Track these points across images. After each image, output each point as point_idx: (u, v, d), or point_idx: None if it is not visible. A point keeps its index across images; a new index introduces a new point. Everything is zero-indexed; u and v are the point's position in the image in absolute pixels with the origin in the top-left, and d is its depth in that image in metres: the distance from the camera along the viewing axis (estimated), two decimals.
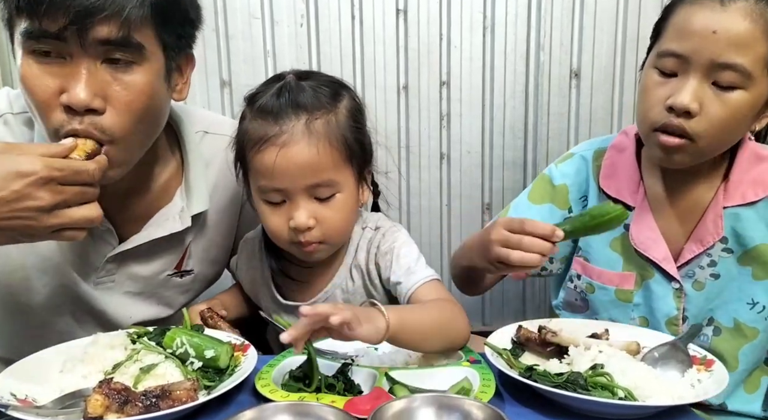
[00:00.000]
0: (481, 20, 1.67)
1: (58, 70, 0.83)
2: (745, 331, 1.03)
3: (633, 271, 1.07)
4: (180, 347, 0.86)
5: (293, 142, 0.89)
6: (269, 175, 0.91)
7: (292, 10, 1.63)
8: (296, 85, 0.93)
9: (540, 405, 0.82)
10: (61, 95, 0.83)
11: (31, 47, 0.82)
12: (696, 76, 0.91)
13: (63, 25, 0.79)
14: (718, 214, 1.01)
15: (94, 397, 0.73)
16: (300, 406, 0.74)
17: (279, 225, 0.94)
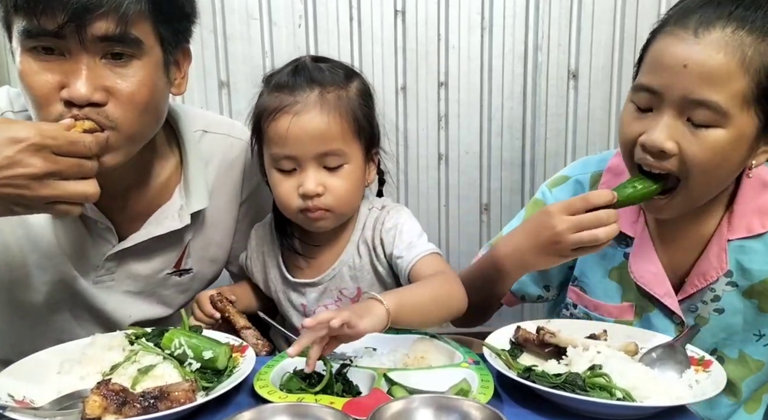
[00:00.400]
0: (479, 21, 1.67)
1: (57, 66, 0.83)
2: (750, 364, 1.00)
3: (632, 302, 1.03)
4: (178, 348, 0.86)
5: (306, 111, 0.94)
6: (282, 142, 0.96)
7: (290, 11, 1.63)
8: (312, 65, 0.99)
9: (538, 406, 0.82)
10: (61, 90, 0.83)
11: (30, 45, 0.83)
12: (670, 113, 0.84)
13: (61, 22, 0.80)
14: (722, 247, 0.95)
15: (92, 399, 0.73)
16: (298, 408, 0.74)
17: (289, 192, 0.98)
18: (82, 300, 1.05)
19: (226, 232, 1.16)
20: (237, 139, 1.13)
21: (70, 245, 1.00)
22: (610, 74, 1.72)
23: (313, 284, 1.06)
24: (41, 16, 0.80)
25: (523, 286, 1.13)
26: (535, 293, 1.14)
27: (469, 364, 0.88)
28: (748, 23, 0.81)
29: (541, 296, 1.15)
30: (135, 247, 1.04)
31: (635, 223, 1.01)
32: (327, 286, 1.06)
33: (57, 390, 0.81)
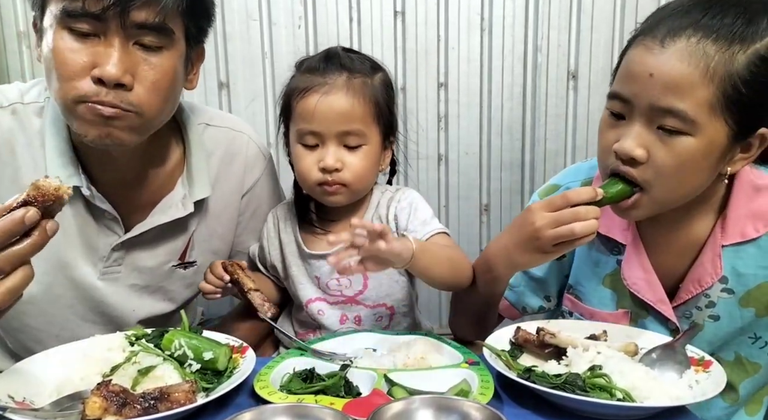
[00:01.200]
0: (479, 22, 1.67)
1: (91, 46, 0.87)
2: (746, 366, 1.00)
3: (627, 309, 1.02)
4: (178, 349, 0.86)
5: (333, 92, 1.03)
6: (309, 118, 1.04)
7: (290, 12, 1.63)
8: (342, 53, 1.08)
9: (539, 406, 0.82)
10: (92, 69, 0.87)
11: (68, 24, 0.86)
12: (640, 121, 0.85)
13: (105, 6, 0.84)
14: (717, 253, 0.94)
15: (92, 400, 0.73)
16: (298, 408, 0.74)
17: (310, 166, 1.06)
18: (85, 292, 1.06)
19: (229, 224, 1.17)
20: (238, 132, 1.16)
21: (77, 235, 1.02)
22: (609, 75, 1.72)
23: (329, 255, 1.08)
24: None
25: (523, 297, 1.13)
26: (536, 304, 1.14)
27: (469, 365, 0.89)
28: (713, 33, 0.81)
29: (542, 307, 1.14)
30: (141, 238, 1.05)
31: (626, 230, 1.01)
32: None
33: (57, 391, 0.81)
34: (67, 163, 0.97)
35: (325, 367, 0.89)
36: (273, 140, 1.70)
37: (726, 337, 0.98)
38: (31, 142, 0.99)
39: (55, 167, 0.97)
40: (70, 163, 0.97)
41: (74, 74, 0.87)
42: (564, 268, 1.10)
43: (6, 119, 0.98)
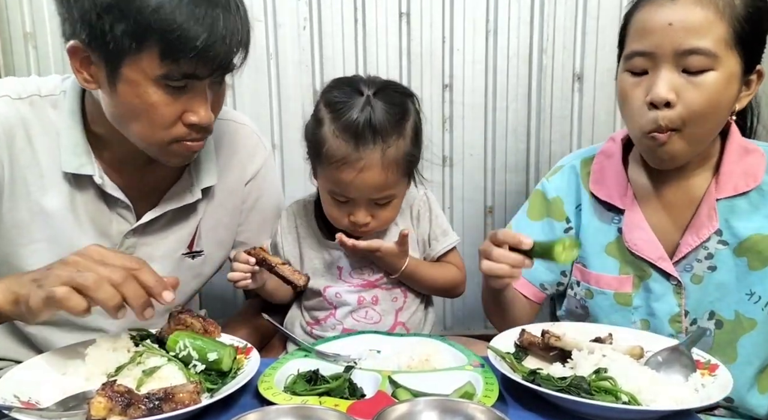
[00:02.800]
0: (484, 23, 1.67)
1: (183, 95, 0.92)
2: (743, 323, 1.04)
3: (630, 274, 1.08)
4: (183, 350, 0.86)
5: (369, 168, 1.04)
6: (343, 188, 1.07)
7: (295, 13, 1.63)
8: (377, 106, 1.04)
9: (543, 409, 0.81)
10: (183, 114, 0.93)
11: (165, 84, 0.90)
12: (666, 68, 0.94)
13: (213, 70, 0.90)
14: (712, 206, 1.03)
15: (97, 400, 0.73)
16: (303, 410, 0.74)
17: (339, 216, 1.11)
18: None
19: (233, 213, 1.20)
20: (241, 124, 1.20)
21: (90, 222, 1.05)
22: (614, 76, 1.71)
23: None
24: (198, 68, 0.89)
25: (538, 274, 1.17)
26: (554, 280, 1.18)
27: (473, 367, 0.88)
28: None
29: (560, 283, 1.18)
30: (152, 225, 1.09)
31: (624, 196, 1.09)
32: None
33: (62, 391, 0.81)
34: (81, 153, 1.01)
35: (329, 368, 0.89)
36: (277, 141, 1.70)
37: (723, 289, 1.04)
38: (47, 132, 1.02)
39: (69, 156, 1.01)
40: (84, 153, 1.01)
41: (170, 123, 0.93)
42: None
43: (25, 109, 1.01)
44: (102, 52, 0.89)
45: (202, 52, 0.86)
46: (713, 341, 1.05)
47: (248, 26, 0.92)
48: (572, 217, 1.15)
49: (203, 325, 0.93)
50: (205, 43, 0.86)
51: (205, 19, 0.85)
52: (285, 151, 1.71)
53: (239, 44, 0.90)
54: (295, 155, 1.70)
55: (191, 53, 0.86)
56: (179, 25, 0.84)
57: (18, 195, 1.01)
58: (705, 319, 1.05)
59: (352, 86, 1.07)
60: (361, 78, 1.10)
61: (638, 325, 1.08)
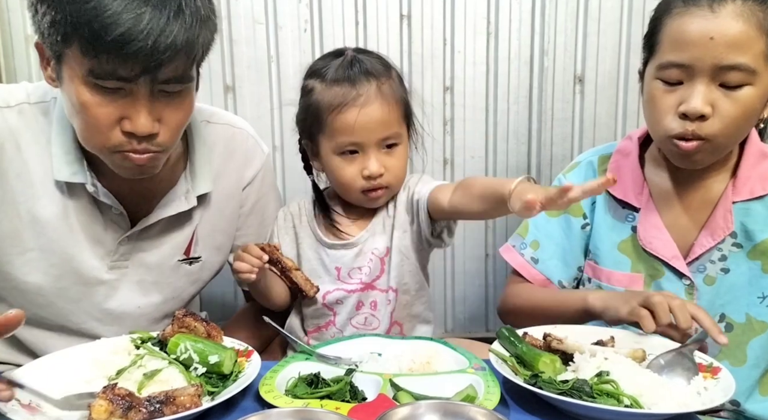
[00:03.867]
0: (485, 25, 1.67)
1: (119, 99, 0.88)
2: (754, 325, 1.04)
3: (641, 273, 1.09)
4: (184, 352, 0.86)
5: (369, 103, 1.06)
6: (349, 132, 1.07)
7: (296, 16, 1.64)
8: (361, 57, 1.11)
9: (545, 412, 0.81)
10: (121, 121, 0.90)
11: (93, 82, 0.87)
12: (702, 81, 0.94)
13: (137, 72, 0.85)
14: (728, 208, 1.04)
15: (98, 403, 0.73)
16: (304, 413, 0.73)
17: (353, 175, 1.10)
18: (92, 287, 1.07)
19: (231, 218, 1.19)
20: (238, 128, 1.19)
21: (83, 231, 1.04)
22: (616, 79, 1.71)
23: (350, 245, 1.15)
24: (118, 65, 0.84)
25: (557, 271, 1.17)
26: (571, 276, 1.19)
27: (475, 370, 0.88)
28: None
29: (576, 278, 1.19)
30: (146, 232, 1.08)
31: (640, 194, 1.10)
32: (361, 248, 1.15)
33: (63, 394, 0.80)
34: (72, 161, 1.00)
35: (330, 371, 0.89)
36: (278, 143, 1.70)
37: (735, 291, 1.04)
38: (37, 140, 1.01)
39: (60, 164, 0.99)
40: (76, 161, 1.00)
41: (104, 127, 0.90)
42: (586, 236, 1.16)
43: (13, 118, 1.00)
44: (48, 48, 0.89)
45: (119, 47, 0.82)
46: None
47: (195, 33, 0.87)
48: (589, 213, 1.16)
49: (207, 329, 0.92)
50: (122, 39, 0.81)
51: (127, 14, 0.81)
52: (285, 153, 1.71)
53: (171, 48, 0.84)
54: (296, 156, 1.68)
55: (108, 47, 0.82)
56: (98, 18, 0.81)
57: (9, 204, 1.00)
58: (715, 321, 1.05)
59: (329, 55, 1.14)
60: (336, 49, 1.16)
61: None
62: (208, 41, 0.92)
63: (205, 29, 0.89)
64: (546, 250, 1.18)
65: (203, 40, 0.89)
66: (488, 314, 1.83)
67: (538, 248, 1.19)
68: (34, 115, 1.01)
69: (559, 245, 1.18)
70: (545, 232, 1.19)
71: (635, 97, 1.73)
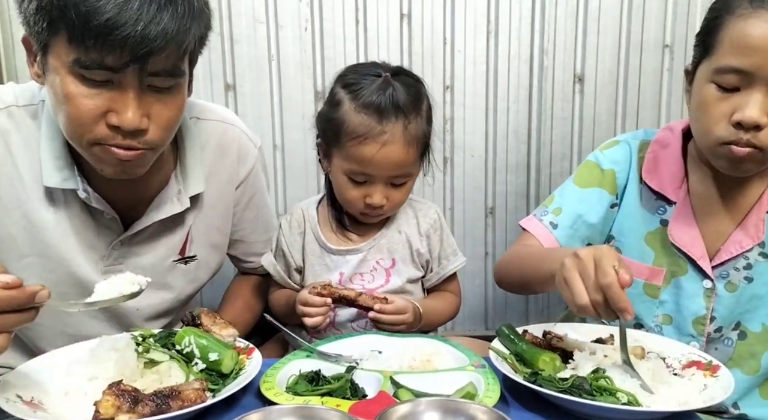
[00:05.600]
0: (485, 25, 1.68)
1: (105, 92, 0.85)
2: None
3: (663, 267, 1.07)
4: (187, 346, 0.86)
5: (392, 143, 1.05)
6: (364, 165, 1.06)
7: (297, 15, 1.64)
8: (397, 86, 1.07)
9: (545, 410, 0.82)
10: (107, 114, 0.86)
11: (80, 72, 0.84)
12: (761, 90, 0.89)
13: (125, 61, 0.82)
14: (761, 217, 1.01)
15: (104, 399, 0.73)
16: (304, 410, 0.74)
17: (356, 198, 1.11)
18: (89, 291, 1.05)
19: (225, 216, 1.18)
20: (230, 124, 1.16)
21: (75, 236, 1.02)
22: (615, 78, 1.72)
23: (354, 251, 1.16)
24: (105, 53, 0.81)
25: (570, 241, 1.13)
26: None
27: (475, 368, 0.88)
28: None
29: None
30: (140, 235, 1.06)
31: (679, 189, 1.07)
32: (366, 255, 1.16)
33: (64, 391, 0.81)
34: (62, 166, 0.97)
35: (331, 368, 0.89)
36: (279, 143, 1.71)
37: (756, 300, 1.02)
38: (27, 144, 0.99)
39: (50, 169, 0.97)
40: (66, 166, 0.98)
41: (90, 120, 0.87)
42: (612, 219, 1.13)
43: (3, 120, 0.98)
44: (34, 40, 0.86)
45: (107, 33, 0.79)
46: (734, 352, 1.04)
47: (186, 23, 0.84)
48: (621, 194, 1.12)
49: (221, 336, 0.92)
50: (110, 23, 0.79)
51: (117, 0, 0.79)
52: (286, 152, 1.71)
53: (161, 36, 0.81)
54: (297, 156, 1.70)
55: (94, 33, 0.79)
56: (86, 1, 0.79)
57: (3, 209, 0.99)
58: (730, 328, 1.05)
59: (367, 69, 1.10)
60: (375, 63, 1.13)
61: (660, 320, 1.07)
62: (201, 35, 0.90)
63: (197, 21, 0.86)
64: (568, 217, 1.12)
65: (195, 32, 0.87)
66: (487, 313, 1.84)
67: (560, 214, 1.13)
68: (23, 118, 0.99)
69: (583, 216, 1.12)
70: (571, 200, 1.14)
71: (635, 96, 1.73)
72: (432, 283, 1.21)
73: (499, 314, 1.82)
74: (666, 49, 1.71)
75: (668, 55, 1.71)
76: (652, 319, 1.06)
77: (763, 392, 1.06)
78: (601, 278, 0.80)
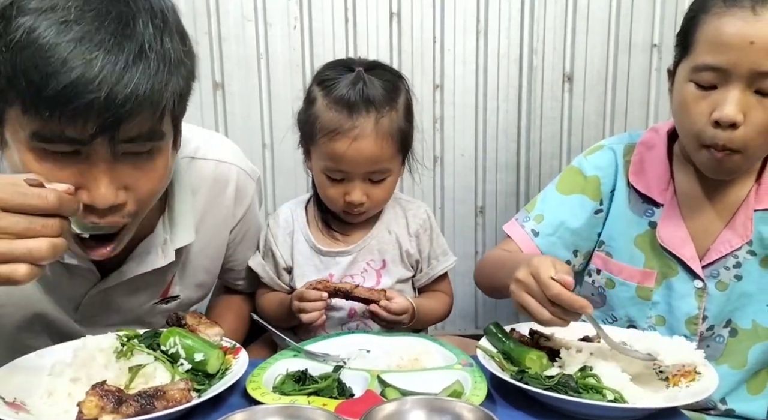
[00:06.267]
0: (474, 24, 1.68)
1: (73, 165, 0.74)
2: (759, 332, 1.04)
3: (654, 269, 1.07)
4: (172, 347, 0.86)
5: (363, 137, 1.03)
6: (337, 160, 1.05)
7: (285, 13, 1.63)
8: (368, 80, 1.05)
9: (531, 407, 0.82)
10: (77, 192, 0.74)
11: (41, 147, 0.73)
12: (738, 87, 0.89)
13: (91, 132, 0.70)
14: (749, 216, 1.01)
15: (88, 399, 0.72)
16: (291, 409, 0.73)
17: (335, 196, 1.10)
18: (64, 336, 1.01)
19: (216, 257, 1.13)
20: (227, 164, 1.08)
21: (50, 288, 0.97)
22: (604, 77, 1.72)
23: (345, 253, 1.15)
24: (65, 124, 0.69)
25: (554, 248, 1.13)
26: (564, 257, 1.14)
27: (462, 366, 0.88)
28: None
29: (569, 261, 1.14)
30: (117, 285, 0.99)
31: (665, 190, 1.07)
32: (356, 256, 1.15)
33: (47, 392, 0.80)
34: None
35: (318, 368, 0.89)
36: (268, 142, 1.70)
37: (745, 298, 1.03)
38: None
39: None
40: None
41: None
42: (598, 224, 1.13)
43: None
44: None
45: (65, 102, 0.67)
46: (724, 349, 1.05)
47: (161, 80, 0.72)
48: (606, 200, 1.12)
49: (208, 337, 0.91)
50: (67, 92, 0.67)
51: (75, 60, 0.67)
52: (275, 151, 1.71)
53: (131, 100, 0.69)
54: (286, 155, 1.69)
55: (51, 103, 0.67)
56: (37, 67, 0.67)
57: None
58: (721, 326, 1.05)
59: (343, 65, 1.09)
60: (352, 59, 1.12)
61: (653, 321, 1.08)
62: (182, 89, 0.78)
63: (175, 75, 0.74)
64: (549, 225, 1.13)
65: (174, 88, 0.74)
66: (476, 311, 1.84)
67: (542, 221, 1.14)
68: None
69: (563, 224, 1.13)
70: (552, 207, 1.14)
71: (623, 95, 1.74)
72: (422, 283, 1.21)
73: (488, 313, 1.83)
74: (654, 49, 1.72)
75: (656, 55, 1.72)
76: (645, 320, 1.07)
77: (751, 387, 1.07)
78: (547, 291, 0.82)
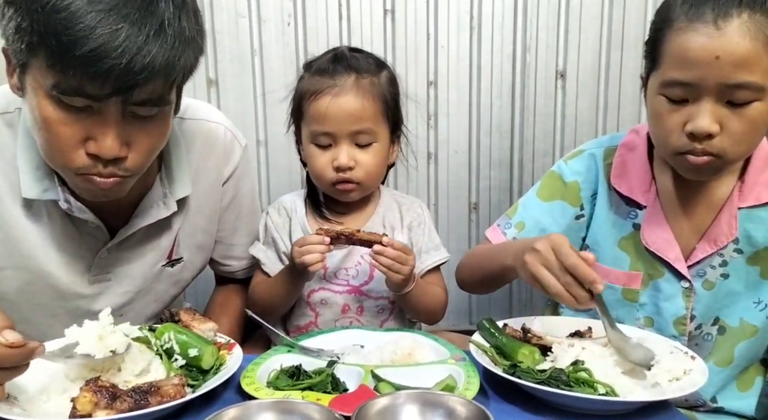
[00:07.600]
0: (468, 20, 1.68)
1: (85, 117, 0.82)
2: (745, 329, 1.04)
3: (640, 271, 1.07)
4: (167, 342, 0.86)
5: (344, 93, 1.08)
6: (321, 119, 1.09)
7: (280, 9, 1.63)
8: (349, 54, 1.14)
9: (524, 401, 0.83)
10: (86, 142, 0.83)
11: (58, 98, 0.80)
12: (709, 100, 0.89)
13: (107, 92, 0.79)
14: (733, 214, 1.01)
15: (82, 395, 0.73)
16: (284, 404, 0.74)
17: (324, 165, 1.12)
18: (71, 302, 1.04)
19: (212, 216, 1.16)
20: (215, 123, 1.14)
21: (58, 249, 0.99)
22: (597, 74, 1.73)
23: (340, 246, 1.13)
24: (86, 82, 0.77)
25: None
26: None
27: (455, 361, 0.89)
28: (758, 6, 0.87)
29: None
30: (127, 242, 1.03)
31: (647, 192, 1.07)
32: (351, 249, 1.16)
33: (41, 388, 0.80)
34: (42, 177, 0.94)
35: (312, 363, 0.89)
36: (262, 138, 1.70)
37: (732, 296, 1.04)
38: (2, 154, 0.95)
39: (29, 180, 0.93)
40: (45, 176, 0.94)
41: (68, 148, 0.83)
42: (581, 229, 1.14)
43: None
44: (13, 56, 0.83)
45: (88, 63, 0.75)
46: (713, 346, 1.06)
47: (176, 55, 0.80)
48: (587, 204, 1.12)
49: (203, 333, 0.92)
50: (93, 55, 0.74)
51: (102, 28, 0.74)
52: (270, 147, 1.71)
53: (148, 69, 0.77)
54: (280, 151, 1.70)
55: (75, 62, 0.75)
56: (68, 30, 0.74)
57: None
58: (709, 324, 1.06)
59: (330, 51, 1.17)
60: (337, 46, 1.19)
61: (641, 322, 1.08)
62: (191, 64, 0.86)
63: (188, 51, 0.82)
64: (530, 233, 1.13)
65: (185, 63, 0.82)
66: (470, 307, 1.85)
67: (523, 230, 1.15)
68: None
69: (545, 231, 1.13)
70: (533, 214, 1.15)
71: (616, 92, 1.75)
72: None
73: (482, 309, 1.84)
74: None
75: None
76: (633, 322, 1.07)
77: (740, 385, 1.08)
78: (566, 260, 0.85)
